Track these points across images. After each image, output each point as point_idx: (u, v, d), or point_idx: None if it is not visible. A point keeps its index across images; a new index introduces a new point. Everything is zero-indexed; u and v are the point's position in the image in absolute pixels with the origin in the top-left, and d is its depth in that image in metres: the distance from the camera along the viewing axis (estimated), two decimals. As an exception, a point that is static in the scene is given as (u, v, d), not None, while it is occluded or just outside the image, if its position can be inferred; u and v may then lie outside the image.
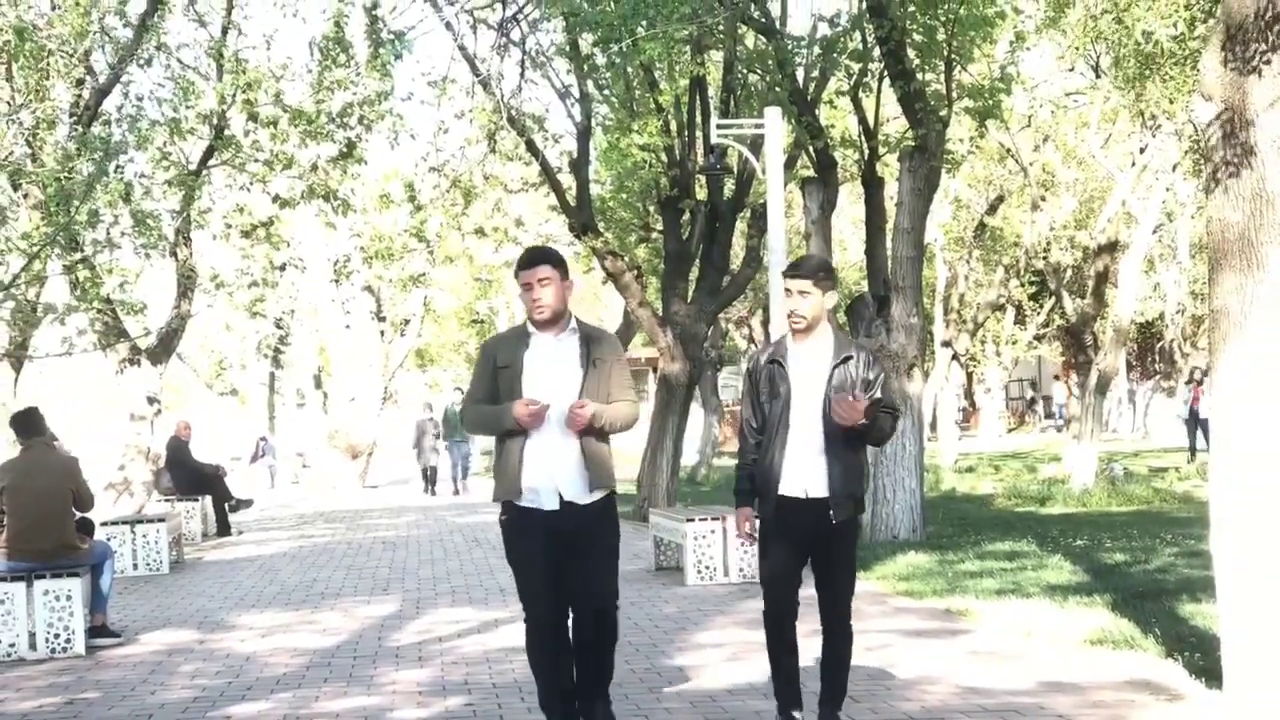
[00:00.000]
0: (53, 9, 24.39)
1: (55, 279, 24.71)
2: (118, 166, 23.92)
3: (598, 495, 8.12)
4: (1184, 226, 38.41)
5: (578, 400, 7.93)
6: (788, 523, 7.98)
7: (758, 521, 8.19)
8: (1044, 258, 36.49)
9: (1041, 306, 42.48)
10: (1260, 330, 8.59)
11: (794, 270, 8.22)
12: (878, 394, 7.97)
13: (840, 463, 7.94)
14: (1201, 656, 9.84)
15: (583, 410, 7.87)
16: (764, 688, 8.78)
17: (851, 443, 7.98)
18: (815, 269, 8.16)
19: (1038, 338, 45.45)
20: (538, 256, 8.25)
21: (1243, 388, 8.66)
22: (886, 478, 19.26)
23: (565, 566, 8.08)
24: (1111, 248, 32.48)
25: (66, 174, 21.56)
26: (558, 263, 8.22)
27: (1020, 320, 44.35)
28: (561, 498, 8.03)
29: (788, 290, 8.14)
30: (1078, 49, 18.99)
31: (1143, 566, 15.93)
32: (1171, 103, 16.68)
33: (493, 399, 8.18)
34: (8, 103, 24.16)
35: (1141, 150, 29.38)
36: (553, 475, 8.02)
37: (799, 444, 7.98)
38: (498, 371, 8.19)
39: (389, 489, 37.06)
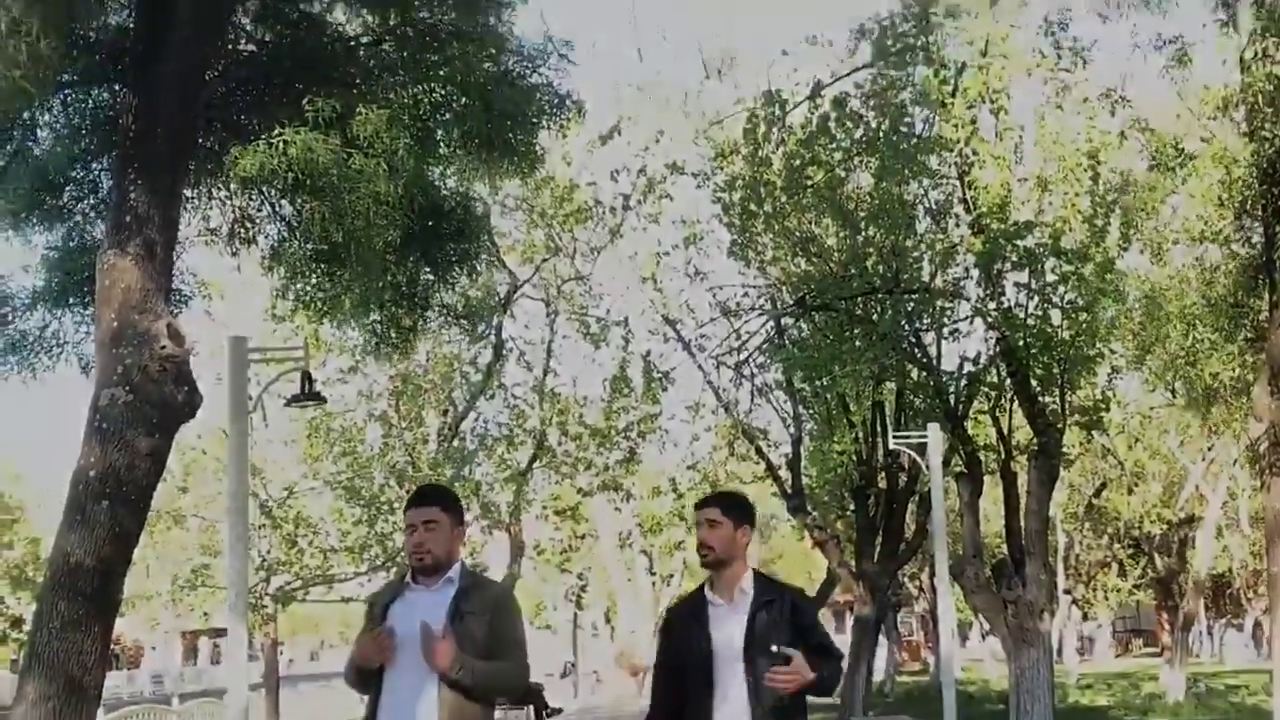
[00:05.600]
0: (427, 359, 25.31)
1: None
2: (470, 469, 24.51)
3: None
4: (1244, 504, 36.92)
5: (441, 636, 4.95)
6: None
7: None
8: (1139, 528, 35.34)
9: (1138, 563, 40.77)
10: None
11: (704, 500, 5.63)
12: (818, 640, 5.30)
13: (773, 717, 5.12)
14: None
15: (442, 646, 4.91)
16: None
17: (786, 696, 5.11)
18: (724, 498, 5.57)
19: (1136, 587, 43.63)
20: (428, 495, 5.42)
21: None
22: (1025, 695, 18.39)
23: None
24: (1189, 520, 31.45)
25: (436, 475, 22.06)
26: (450, 506, 5.30)
27: (1122, 574, 42.63)
28: None
29: (698, 522, 5.46)
30: (1159, 378, 18.60)
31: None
32: (1232, 420, 16.17)
33: None
34: (395, 426, 24.96)
35: (1209, 449, 28.56)
36: None
37: (726, 704, 5.13)
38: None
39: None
